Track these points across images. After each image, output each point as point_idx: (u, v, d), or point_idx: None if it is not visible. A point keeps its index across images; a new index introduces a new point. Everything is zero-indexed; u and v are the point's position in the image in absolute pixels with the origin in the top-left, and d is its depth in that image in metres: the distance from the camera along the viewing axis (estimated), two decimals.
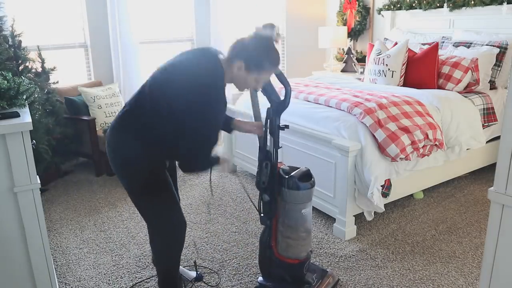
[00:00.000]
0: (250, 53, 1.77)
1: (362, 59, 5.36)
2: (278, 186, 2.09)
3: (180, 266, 2.43)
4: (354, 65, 5.27)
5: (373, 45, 4.20)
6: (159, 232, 2.03)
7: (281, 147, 2.15)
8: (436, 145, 2.94)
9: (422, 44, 4.17)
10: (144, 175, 1.90)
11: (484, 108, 3.48)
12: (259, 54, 1.78)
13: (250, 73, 1.80)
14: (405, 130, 2.78)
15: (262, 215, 2.15)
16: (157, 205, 1.96)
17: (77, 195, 3.60)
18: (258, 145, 2.12)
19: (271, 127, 2.06)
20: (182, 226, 2.02)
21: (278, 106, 2.04)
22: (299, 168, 2.13)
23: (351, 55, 5.29)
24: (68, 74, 4.29)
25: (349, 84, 3.92)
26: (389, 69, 3.87)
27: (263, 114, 2.12)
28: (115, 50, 4.45)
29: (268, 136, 2.08)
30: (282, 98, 2.04)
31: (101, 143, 3.88)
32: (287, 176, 2.06)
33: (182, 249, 2.09)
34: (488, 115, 3.49)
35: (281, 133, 3.10)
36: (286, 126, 2.09)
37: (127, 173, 1.93)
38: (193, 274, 2.42)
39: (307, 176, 2.10)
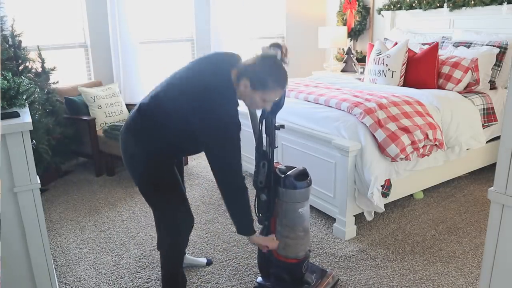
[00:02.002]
0: (254, 71, 1.79)
1: (362, 59, 5.36)
2: (275, 186, 2.09)
3: (190, 256, 2.55)
4: (354, 65, 5.27)
5: (373, 45, 4.19)
6: (166, 230, 2.12)
7: (277, 147, 2.15)
8: (436, 145, 2.94)
9: (422, 44, 4.17)
10: (152, 171, 1.96)
11: (484, 108, 3.48)
12: (263, 72, 1.78)
13: (256, 92, 1.81)
14: (405, 130, 2.78)
15: (260, 215, 2.15)
16: (165, 204, 2.04)
17: (77, 195, 3.60)
18: (255, 145, 2.13)
19: (266, 127, 2.07)
20: (188, 226, 2.10)
21: (274, 106, 2.04)
22: (295, 167, 2.13)
23: (351, 55, 5.29)
24: (68, 74, 4.29)
25: (349, 84, 3.92)
26: (389, 69, 3.87)
27: (259, 114, 2.12)
28: (115, 50, 4.44)
29: (264, 136, 2.08)
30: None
31: (101, 143, 3.88)
32: (283, 176, 2.07)
33: (186, 247, 2.17)
34: (488, 115, 3.49)
35: (281, 133, 3.12)
36: (282, 126, 2.09)
37: (137, 170, 1.99)
38: (203, 260, 2.56)
39: (303, 175, 2.10)
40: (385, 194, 2.78)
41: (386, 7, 4.98)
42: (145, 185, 2.01)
